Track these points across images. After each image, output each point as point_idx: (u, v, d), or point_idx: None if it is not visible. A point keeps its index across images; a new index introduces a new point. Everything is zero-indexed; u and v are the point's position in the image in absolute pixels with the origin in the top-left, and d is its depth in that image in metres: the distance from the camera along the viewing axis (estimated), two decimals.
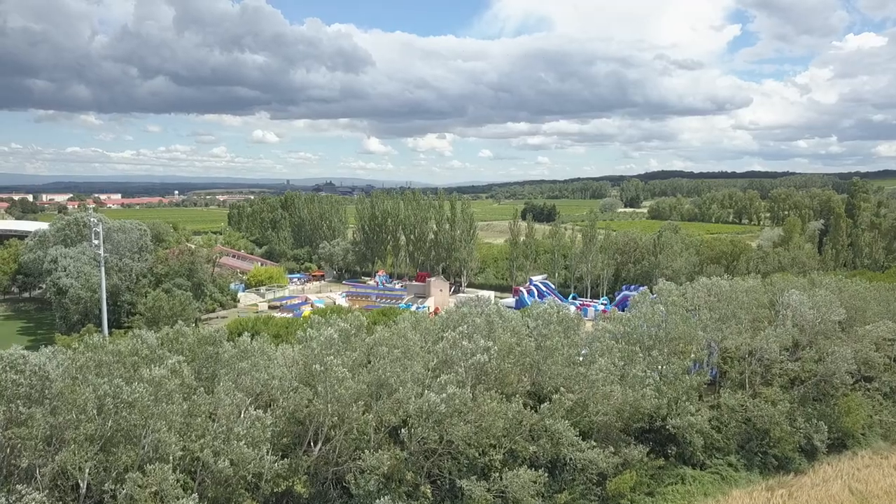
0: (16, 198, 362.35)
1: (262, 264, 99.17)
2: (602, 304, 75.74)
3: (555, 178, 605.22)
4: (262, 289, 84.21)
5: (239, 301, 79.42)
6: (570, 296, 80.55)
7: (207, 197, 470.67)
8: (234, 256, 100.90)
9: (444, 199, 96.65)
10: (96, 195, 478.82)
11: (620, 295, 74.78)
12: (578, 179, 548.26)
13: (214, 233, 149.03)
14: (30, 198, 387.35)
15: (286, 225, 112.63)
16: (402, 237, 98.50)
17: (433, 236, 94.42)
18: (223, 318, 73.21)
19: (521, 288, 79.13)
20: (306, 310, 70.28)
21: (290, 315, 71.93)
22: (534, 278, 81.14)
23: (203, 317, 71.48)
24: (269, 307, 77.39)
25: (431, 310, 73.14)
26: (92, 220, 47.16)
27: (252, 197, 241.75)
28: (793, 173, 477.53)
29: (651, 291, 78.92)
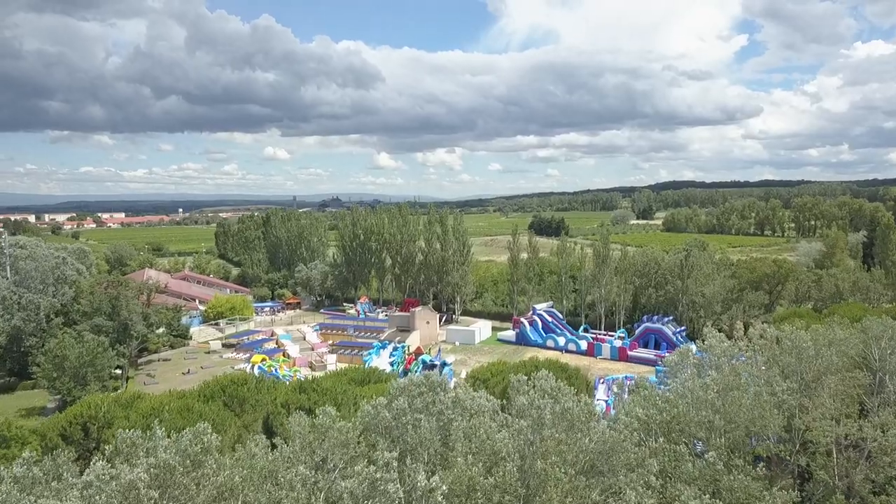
0: (13, 218, 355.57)
1: (231, 291, 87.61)
2: (619, 337, 63.40)
3: (564, 191, 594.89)
4: (222, 322, 72.39)
5: (191, 338, 67.69)
6: (581, 327, 68.14)
7: (210, 214, 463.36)
8: (198, 282, 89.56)
9: (434, 213, 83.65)
10: (98, 214, 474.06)
11: (641, 327, 62.49)
12: (588, 191, 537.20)
13: (195, 253, 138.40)
14: (31, 218, 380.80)
15: (260, 246, 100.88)
16: (388, 258, 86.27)
17: (422, 257, 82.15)
18: (166, 360, 61.66)
19: (523, 319, 66.92)
20: (258, 354, 58.43)
21: (245, 356, 60.24)
22: (537, 307, 68.79)
23: (142, 360, 60.06)
24: (224, 345, 65.64)
25: (413, 349, 61.15)
26: None
27: (257, 214, 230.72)
28: (808, 182, 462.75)
29: (678, 323, 66.03)
